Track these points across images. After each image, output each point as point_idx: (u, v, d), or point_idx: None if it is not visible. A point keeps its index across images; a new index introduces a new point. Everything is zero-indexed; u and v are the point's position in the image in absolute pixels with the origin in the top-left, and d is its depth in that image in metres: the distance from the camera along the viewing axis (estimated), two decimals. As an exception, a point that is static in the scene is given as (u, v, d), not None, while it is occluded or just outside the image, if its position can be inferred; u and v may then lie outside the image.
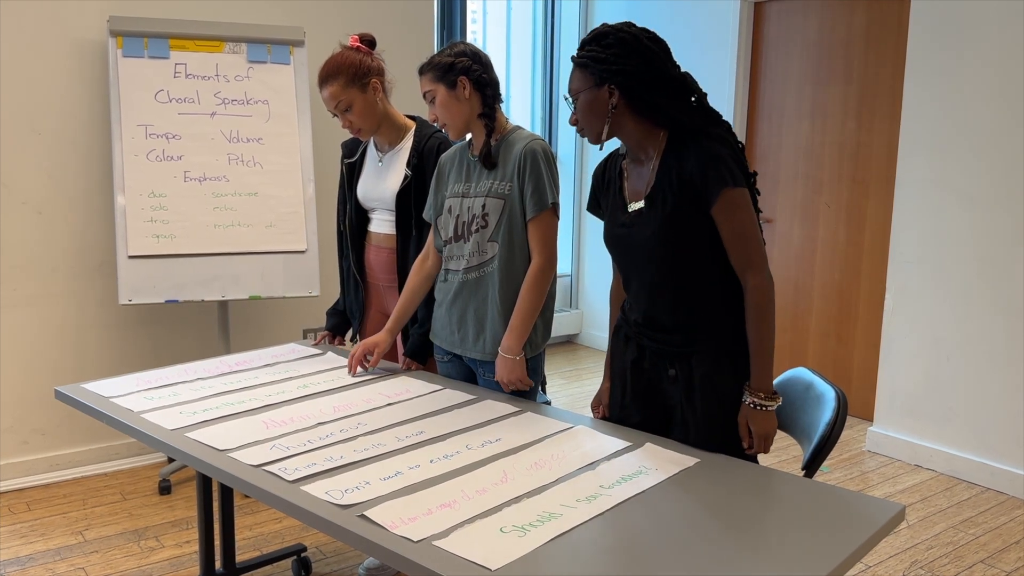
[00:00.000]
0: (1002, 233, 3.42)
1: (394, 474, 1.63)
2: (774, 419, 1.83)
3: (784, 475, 1.68)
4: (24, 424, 3.37)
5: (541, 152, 2.15)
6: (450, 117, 2.18)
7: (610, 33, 1.82)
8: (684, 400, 1.89)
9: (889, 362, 3.83)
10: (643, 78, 1.79)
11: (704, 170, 1.76)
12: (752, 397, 1.81)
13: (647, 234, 1.85)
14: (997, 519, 3.22)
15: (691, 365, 1.88)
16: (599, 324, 5.67)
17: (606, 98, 1.82)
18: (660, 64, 1.81)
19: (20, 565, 2.73)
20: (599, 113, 1.83)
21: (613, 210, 1.96)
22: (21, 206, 3.26)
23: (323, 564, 2.78)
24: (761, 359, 1.80)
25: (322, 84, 2.37)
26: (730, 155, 1.79)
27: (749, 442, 1.82)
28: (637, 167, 1.91)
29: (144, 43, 3.25)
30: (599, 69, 1.80)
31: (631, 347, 2.00)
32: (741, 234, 1.78)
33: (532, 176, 2.13)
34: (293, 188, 3.37)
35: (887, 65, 4.04)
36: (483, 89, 2.18)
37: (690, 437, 1.87)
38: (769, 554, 1.34)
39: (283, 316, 3.81)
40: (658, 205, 1.83)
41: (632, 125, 1.85)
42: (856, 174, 4.23)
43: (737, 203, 1.77)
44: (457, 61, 2.14)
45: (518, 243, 2.17)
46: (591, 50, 1.83)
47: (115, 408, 2.03)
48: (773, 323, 1.81)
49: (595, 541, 1.38)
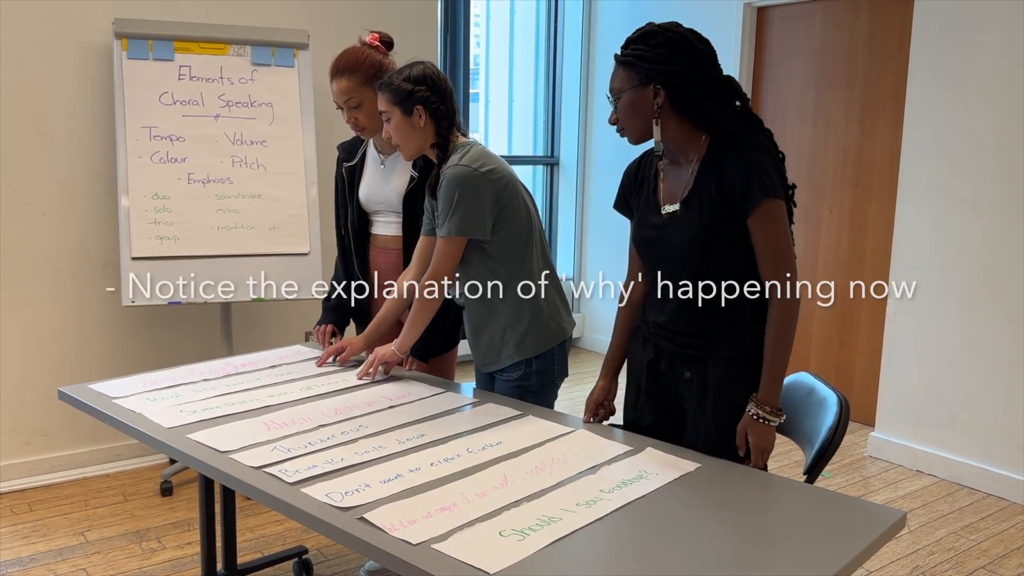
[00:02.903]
0: (1004, 238, 3.41)
1: (394, 477, 1.63)
2: (773, 435, 1.81)
3: (785, 480, 1.68)
4: (26, 425, 3.37)
5: (454, 180, 2.11)
6: (403, 141, 2.19)
7: (658, 32, 1.78)
8: (697, 405, 1.88)
9: (891, 367, 3.83)
10: (690, 80, 1.76)
11: (746, 178, 1.73)
12: (756, 408, 1.79)
13: (680, 238, 1.82)
14: (999, 525, 3.21)
15: (707, 369, 1.87)
16: (600, 327, 5.66)
17: (650, 98, 1.78)
18: (707, 66, 1.78)
19: (22, 565, 2.74)
20: (642, 113, 1.80)
21: (645, 211, 1.92)
22: (25, 207, 3.27)
23: (324, 566, 2.78)
24: (773, 373, 1.79)
25: (337, 76, 2.35)
26: (772, 165, 1.77)
27: (745, 451, 1.81)
28: (674, 169, 1.88)
29: (149, 45, 3.26)
30: (645, 68, 1.76)
31: (648, 348, 1.98)
32: (775, 246, 1.76)
33: (442, 201, 2.14)
34: (296, 190, 3.37)
35: (890, 70, 4.03)
36: (439, 120, 2.17)
37: (701, 443, 1.86)
38: (770, 559, 1.34)
39: (285, 318, 3.81)
40: (694, 209, 1.80)
41: (674, 127, 1.81)
42: (859, 179, 4.22)
43: (774, 214, 1.75)
44: (416, 90, 2.13)
45: (472, 263, 2.20)
46: (637, 49, 1.78)
47: (117, 409, 2.04)
48: (792, 339, 1.78)
49: (595, 546, 1.38)
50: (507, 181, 2.16)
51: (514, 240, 2.18)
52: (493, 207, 2.13)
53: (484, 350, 2.27)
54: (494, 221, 2.14)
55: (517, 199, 2.18)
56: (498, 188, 2.13)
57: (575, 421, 1.99)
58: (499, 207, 2.14)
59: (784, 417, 1.83)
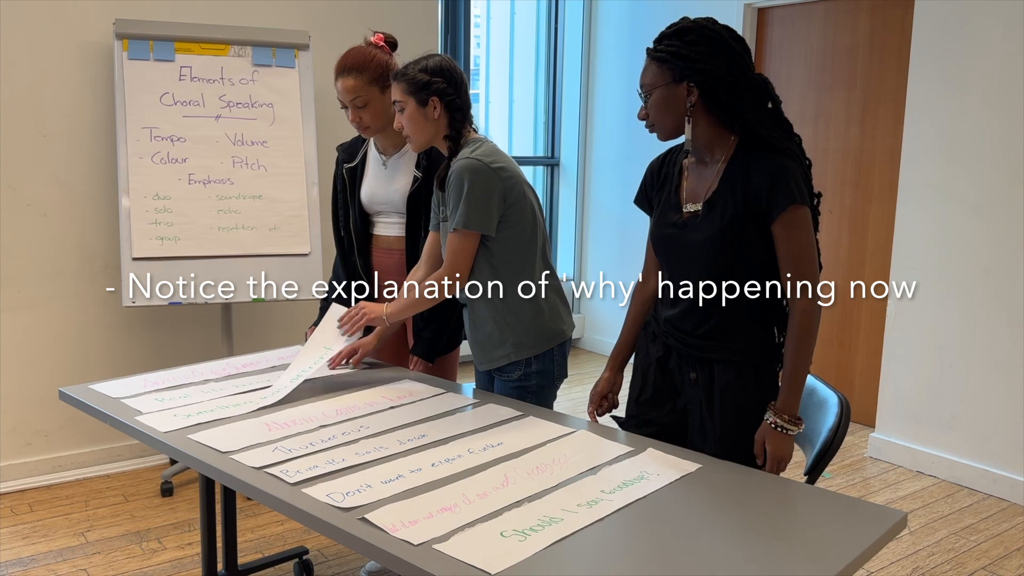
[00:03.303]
0: (1005, 239, 3.41)
1: (395, 477, 1.63)
2: (791, 444, 1.79)
3: (786, 481, 1.68)
4: (27, 425, 3.37)
5: (464, 171, 2.10)
6: (415, 132, 2.19)
7: (693, 28, 1.75)
8: (704, 408, 1.87)
9: (891, 368, 3.83)
10: (725, 79, 1.73)
11: (772, 183, 1.72)
12: (775, 417, 1.77)
13: (700, 239, 1.81)
14: (999, 526, 3.21)
15: (713, 373, 1.86)
16: (601, 328, 5.66)
17: (683, 95, 1.76)
18: (742, 66, 1.75)
19: (22, 566, 2.74)
20: (674, 110, 1.78)
21: (666, 209, 1.90)
22: (26, 208, 3.27)
23: (325, 567, 2.78)
24: (793, 381, 1.77)
25: (343, 74, 2.35)
26: (800, 172, 1.75)
27: (763, 460, 1.80)
28: (699, 168, 1.86)
29: (150, 46, 3.26)
30: (680, 65, 1.73)
31: (658, 345, 1.97)
32: (798, 254, 1.74)
33: (451, 193, 2.13)
34: (297, 191, 3.38)
35: (890, 71, 4.04)
36: (453, 113, 2.17)
37: (709, 447, 1.85)
38: (770, 560, 1.34)
39: (286, 319, 3.81)
40: (717, 211, 1.78)
41: (704, 125, 1.79)
42: (859, 180, 4.23)
43: (799, 222, 1.73)
44: (433, 81, 2.13)
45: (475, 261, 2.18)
46: (671, 45, 1.75)
47: (117, 409, 2.04)
48: (813, 347, 1.77)
49: (596, 546, 1.38)
50: (516, 180, 2.16)
51: (517, 240, 2.18)
52: (500, 204, 2.13)
53: (483, 349, 2.27)
54: (500, 219, 2.14)
55: (524, 200, 2.18)
56: (507, 186, 2.13)
57: (576, 422, 1.99)
58: (506, 205, 2.14)
59: (803, 426, 1.80)
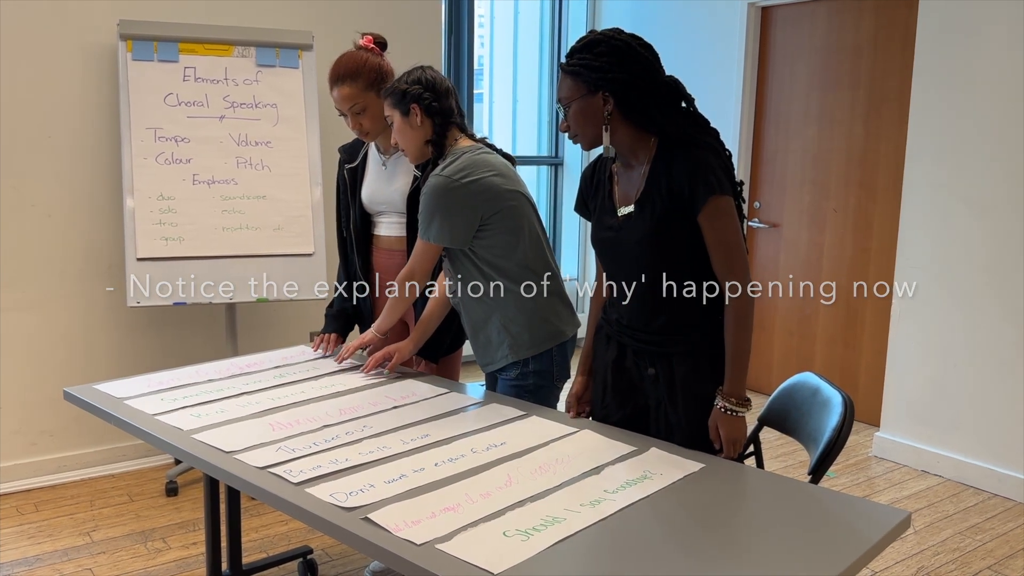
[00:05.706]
0: (1010, 239, 3.41)
1: (399, 477, 1.63)
2: (743, 424, 1.85)
3: (789, 480, 1.68)
4: (32, 425, 3.38)
5: (429, 189, 2.15)
6: (404, 142, 2.24)
7: (602, 40, 1.83)
8: (667, 401, 1.93)
9: (896, 367, 3.82)
10: (637, 85, 1.81)
11: (692, 177, 1.79)
12: (724, 401, 1.84)
13: (635, 238, 1.87)
14: (1004, 525, 3.20)
15: (671, 366, 1.91)
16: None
17: (599, 105, 1.83)
18: (652, 71, 1.83)
19: (28, 565, 2.75)
20: (592, 120, 1.85)
21: (602, 213, 1.98)
22: (31, 209, 3.28)
23: (329, 566, 2.79)
24: (736, 365, 1.84)
25: (339, 83, 2.36)
26: (718, 163, 1.82)
27: (719, 445, 1.85)
28: (627, 172, 1.93)
29: (154, 47, 3.27)
30: (593, 77, 1.81)
31: (612, 346, 2.03)
32: (724, 241, 1.81)
33: (420, 206, 2.19)
34: (301, 191, 3.38)
35: (895, 70, 4.03)
36: (432, 117, 2.20)
37: (675, 438, 1.90)
38: (774, 560, 1.34)
39: (290, 319, 3.82)
40: (647, 210, 1.85)
41: (624, 131, 1.86)
42: (863, 179, 4.22)
43: (722, 211, 1.80)
44: (410, 89, 2.19)
45: (467, 266, 2.23)
46: (583, 58, 1.83)
47: (122, 409, 2.04)
48: (751, 331, 1.84)
49: (598, 546, 1.38)
50: (497, 190, 2.17)
51: (507, 245, 2.19)
52: (471, 218, 2.16)
53: (482, 350, 2.29)
54: (481, 227, 2.17)
55: (510, 205, 2.18)
56: (480, 200, 2.15)
57: (579, 421, 2.00)
58: (478, 217, 2.16)
59: (751, 406, 1.86)
